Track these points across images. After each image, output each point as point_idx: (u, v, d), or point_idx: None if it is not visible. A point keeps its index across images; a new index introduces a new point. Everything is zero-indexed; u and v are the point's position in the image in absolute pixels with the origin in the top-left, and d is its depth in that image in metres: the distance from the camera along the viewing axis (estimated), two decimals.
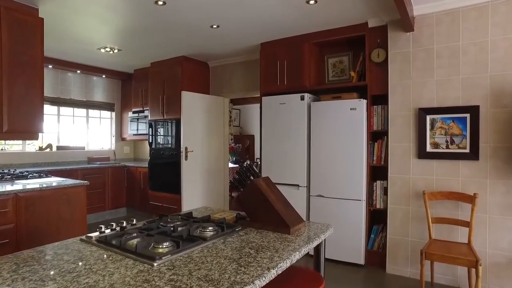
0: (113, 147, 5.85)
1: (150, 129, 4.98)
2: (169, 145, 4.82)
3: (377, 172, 3.39)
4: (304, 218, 3.58)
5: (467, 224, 2.59)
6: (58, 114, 5.11)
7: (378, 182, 3.26)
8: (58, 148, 4.99)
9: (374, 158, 3.28)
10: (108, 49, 4.25)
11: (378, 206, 3.26)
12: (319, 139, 3.49)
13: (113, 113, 5.85)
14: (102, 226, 1.44)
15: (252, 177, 1.66)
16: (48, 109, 5.00)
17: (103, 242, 1.31)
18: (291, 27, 3.54)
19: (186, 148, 4.49)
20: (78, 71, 5.13)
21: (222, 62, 4.98)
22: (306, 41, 3.69)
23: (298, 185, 3.64)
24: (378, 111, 3.28)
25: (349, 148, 3.31)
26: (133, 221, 1.60)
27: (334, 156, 3.40)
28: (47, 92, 4.86)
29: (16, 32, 2.74)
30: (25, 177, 3.15)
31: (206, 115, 4.81)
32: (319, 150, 3.50)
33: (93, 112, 5.61)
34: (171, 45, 4.17)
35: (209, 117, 4.85)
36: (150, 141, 4.99)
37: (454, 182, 2.80)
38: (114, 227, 1.48)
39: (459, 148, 2.78)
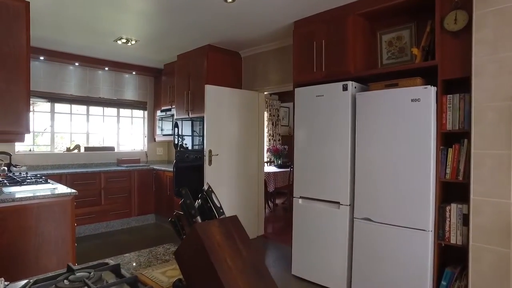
0: (145, 148, 5.54)
1: (176, 129, 4.50)
2: (194, 147, 4.27)
3: (452, 191, 2.37)
4: (346, 250, 2.69)
5: None
6: (88, 114, 4.93)
7: (454, 205, 2.23)
8: (86, 149, 4.79)
9: (448, 170, 2.27)
10: (124, 40, 3.84)
11: (453, 241, 2.24)
12: (367, 141, 2.58)
13: (146, 112, 5.53)
14: None
15: (198, 219, 0.92)
16: (76, 108, 4.83)
17: None
18: None
19: (210, 151, 3.88)
20: (106, 68, 4.87)
21: (255, 51, 4.27)
22: (350, 12, 2.78)
23: (338, 203, 2.77)
24: (454, 102, 2.25)
25: (409, 155, 2.34)
26: (2, 280, 0.98)
27: (387, 165, 2.46)
28: (74, 91, 4.69)
29: None
30: (19, 182, 2.83)
31: (236, 112, 4.14)
32: (367, 156, 2.58)
33: (124, 112, 5.34)
34: (189, 31, 3.59)
35: (240, 115, 4.18)
36: (176, 142, 4.50)
37: None
38: None
39: None
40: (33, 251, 2.37)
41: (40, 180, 2.96)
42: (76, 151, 4.69)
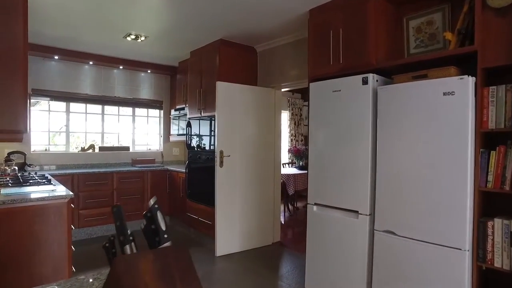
0: (161, 148, 5.43)
1: (188, 128, 4.33)
2: (206, 148, 4.07)
3: (496, 202, 1.97)
4: (365, 266, 2.36)
5: None
6: (103, 113, 4.88)
7: (498, 221, 1.84)
8: (101, 149, 4.75)
9: (490, 178, 1.87)
10: (133, 37, 3.71)
11: (497, 264, 1.85)
12: (391, 143, 2.23)
13: (161, 112, 5.43)
14: None
15: (127, 248, 0.67)
16: (91, 108, 4.80)
17: None
18: None
19: (221, 152, 3.66)
20: (121, 67, 4.80)
21: (271, 45, 4.00)
22: None
23: (357, 212, 2.43)
24: (498, 95, 1.86)
25: (441, 158, 1.97)
26: None
27: (414, 170, 2.10)
28: (89, 91, 4.66)
29: None
30: (20, 183, 2.75)
31: (250, 111, 3.89)
32: (391, 160, 2.24)
33: (140, 111, 5.26)
34: (199, 24, 3.38)
35: (254, 113, 3.92)
36: (188, 142, 4.34)
37: None
38: None
39: None
40: (27, 256, 2.25)
41: (43, 181, 2.88)
42: (90, 151, 4.66)
